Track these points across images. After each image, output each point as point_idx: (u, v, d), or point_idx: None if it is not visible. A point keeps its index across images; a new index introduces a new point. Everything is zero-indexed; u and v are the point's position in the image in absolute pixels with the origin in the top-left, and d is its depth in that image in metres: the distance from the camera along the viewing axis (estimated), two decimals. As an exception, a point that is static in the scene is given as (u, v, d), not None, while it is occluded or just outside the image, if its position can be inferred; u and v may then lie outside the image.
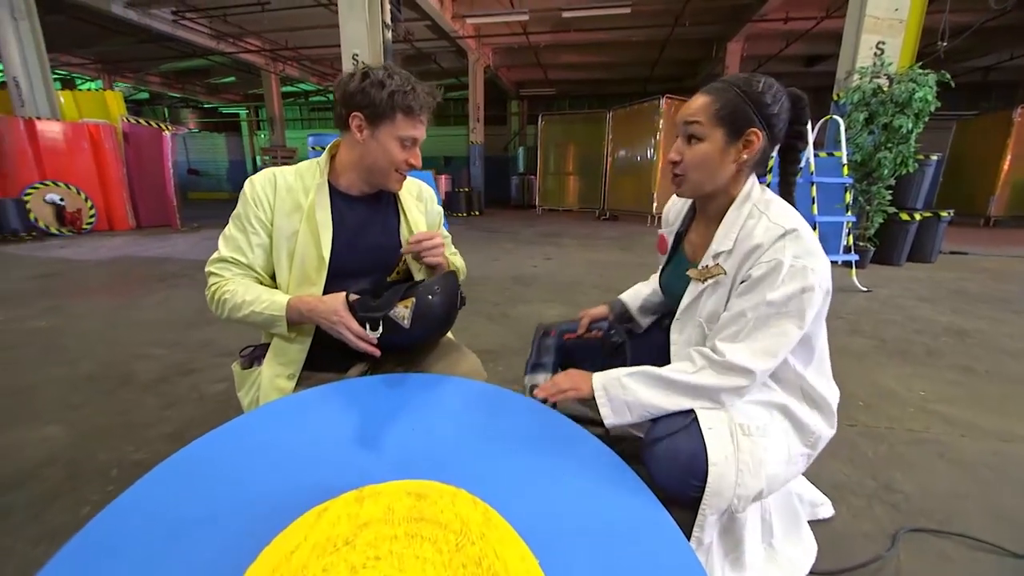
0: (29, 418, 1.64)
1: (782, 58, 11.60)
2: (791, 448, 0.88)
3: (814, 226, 3.55)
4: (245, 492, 0.73)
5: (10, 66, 6.96)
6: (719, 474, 0.79)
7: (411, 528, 0.66)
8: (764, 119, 0.85)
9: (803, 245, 0.82)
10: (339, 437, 0.86)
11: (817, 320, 0.88)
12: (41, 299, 3.25)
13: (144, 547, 0.64)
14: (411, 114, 0.98)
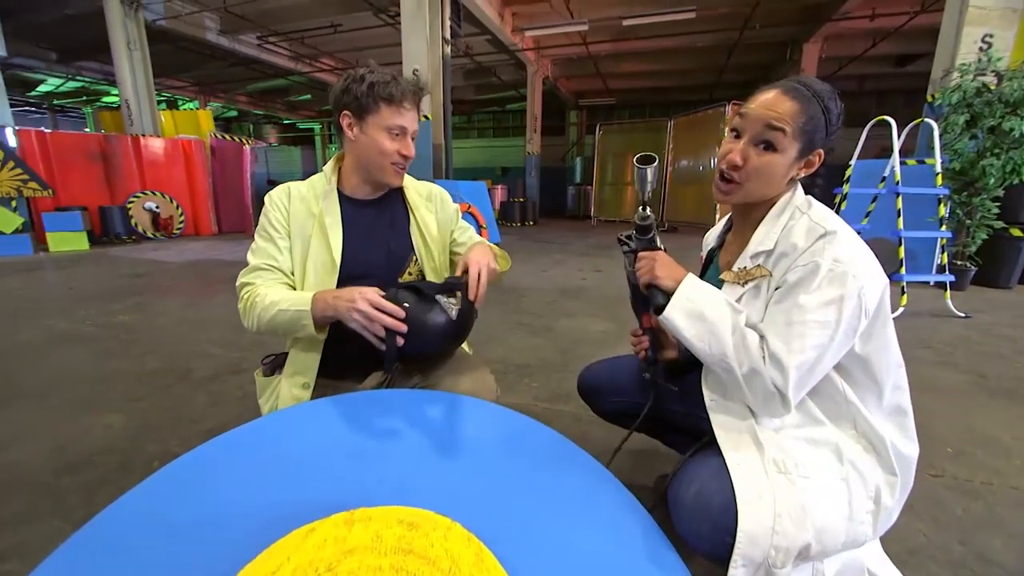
0: (98, 407, 1.79)
1: (867, 59, 10.66)
2: (853, 501, 0.73)
3: (899, 242, 3.17)
4: (238, 502, 0.71)
5: (123, 90, 7.90)
6: (752, 516, 0.67)
7: (397, 561, 0.61)
8: (828, 137, 0.78)
9: (845, 249, 0.71)
10: (341, 452, 0.83)
11: (869, 340, 0.75)
12: (129, 296, 3.60)
13: (134, 550, 0.63)
14: (393, 102, 0.98)
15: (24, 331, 2.72)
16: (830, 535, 0.72)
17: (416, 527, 0.66)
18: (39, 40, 10.21)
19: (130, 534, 0.66)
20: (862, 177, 4.29)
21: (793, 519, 0.69)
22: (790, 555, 0.70)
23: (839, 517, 0.72)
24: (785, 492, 0.70)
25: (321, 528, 0.66)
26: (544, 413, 1.76)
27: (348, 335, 1.08)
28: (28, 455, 1.47)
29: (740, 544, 0.68)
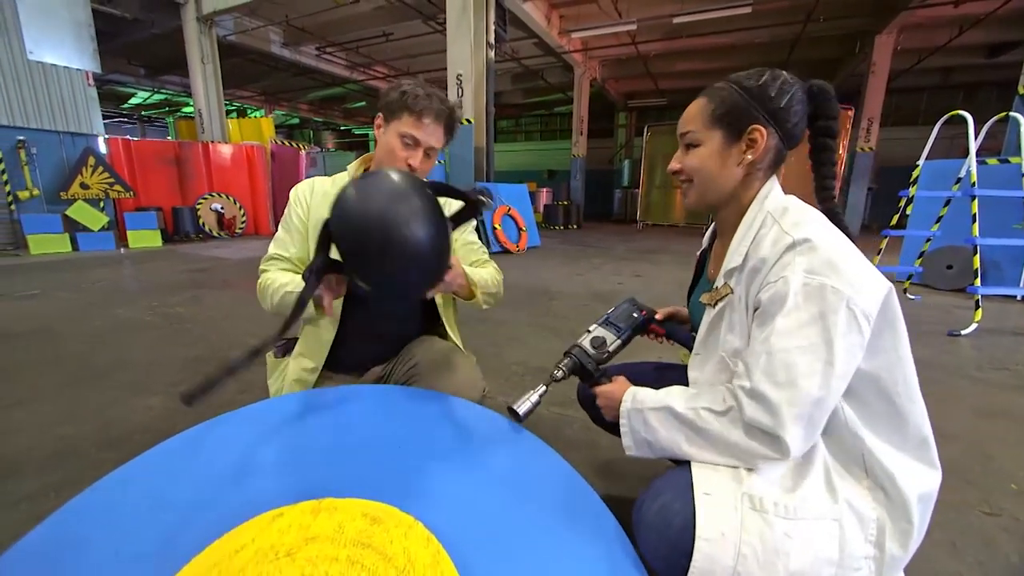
0: (144, 390, 1.94)
1: (952, 49, 9.70)
2: (847, 546, 0.64)
3: (974, 250, 2.85)
4: (212, 484, 0.74)
5: (197, 100, 8.60)
6: (708, 555, 0.62)
7: (355, 553, 0.61)
8: (769, 114, 0.74)
9: (819, 256, 0.64)
10: (318, 443, 0.85)
11: (876, 354, 0.66)
12: (187, 289, 3.90)
13: (116, 523, 0.67)
14: (413, 112, 1.02)
15: (97, 318, 3.00)
16: None
17: (379, 522, 0.66)
18: (130, 58, 11.33)
19: (113, 508, 0.70)
20: (933, 179, 3.92)
21: (760, 562, 0.62)
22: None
23: (824, 563, 0.63)
24: (755, 531, 0.63)
25: (288, 514, 0.67)
26: (555, 419, 1.72)
27: (356, 331, 1.16)
28: (79, 430, 1.61)
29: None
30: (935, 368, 2.27)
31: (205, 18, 8.25)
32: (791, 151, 0.79)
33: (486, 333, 2.71)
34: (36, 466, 1.40)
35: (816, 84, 0.77)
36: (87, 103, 6.96)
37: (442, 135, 1.09)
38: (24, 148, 6.30)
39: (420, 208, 0.73)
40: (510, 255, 6.16)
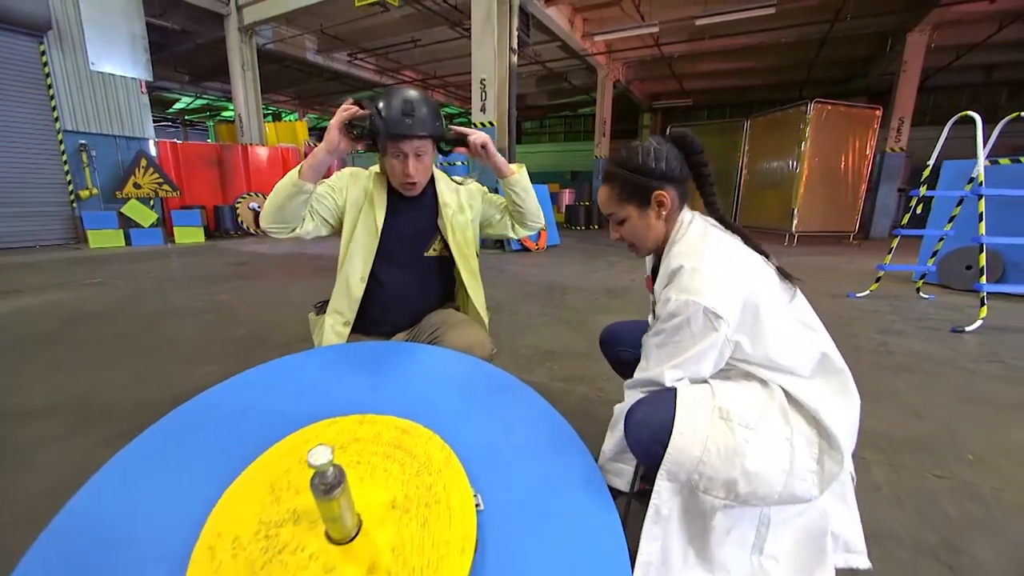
0: (199, 361, 2.23)
1: (991, 45, 9.37)
2: (796, 460, 0.83)
3: (980, 248, 2.89)
4: (282, 402, 0.97)
5: (237, 105, 9.12)
6: (681, 443, 0.84)
7: (389, 450, 0.83)
8: (660, 177, 0.96)
9: (689, 279, 0.88)
10: (359, 378, 1.07)
11: (757, 339, 0.89)
12: (230, 280, 4.25)
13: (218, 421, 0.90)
14: (393, 140, 1.21)
15: (153, 303, 3.36)
16: (762, 481, 0.82)
17: (407, 432, 0.88)
18: (176, 65, 12.04)
19: (210, 412, 0.93)
20: (956, 179, 3.92)
21: (722, 457, 0.83)
22: (714, 484, 0.84)
23: (776, 470, 0.83)
24: (721, 434, 0.84)
25: (340, 422, 0.89)
26: (557, 390, 1.91)
27: (382, 298, 1.38)
28: (152, 389, 1.90)
29: (667, 460, 0.84)
30: (930, 360, 2.35)
31: (246, 28, 8.76)
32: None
33: (500, 321, 2.92)
34: (123, 414, 1.69)
35: (675, 133, 1.00)
36: (140, 109, 7.53)
37: (417, 141, 1.23)
38: (85, 151, 6.87)
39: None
40: (529, 253, 6.36)
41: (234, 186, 8.50)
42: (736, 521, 0.89)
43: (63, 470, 1.36)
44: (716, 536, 0.88)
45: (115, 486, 0.74)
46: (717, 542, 0.88)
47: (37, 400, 1.79)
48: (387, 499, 0.68)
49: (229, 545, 0.60)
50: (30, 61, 6.44)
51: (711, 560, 0.89)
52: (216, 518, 0.64)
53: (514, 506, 0.76)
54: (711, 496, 0.85)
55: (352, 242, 1.33)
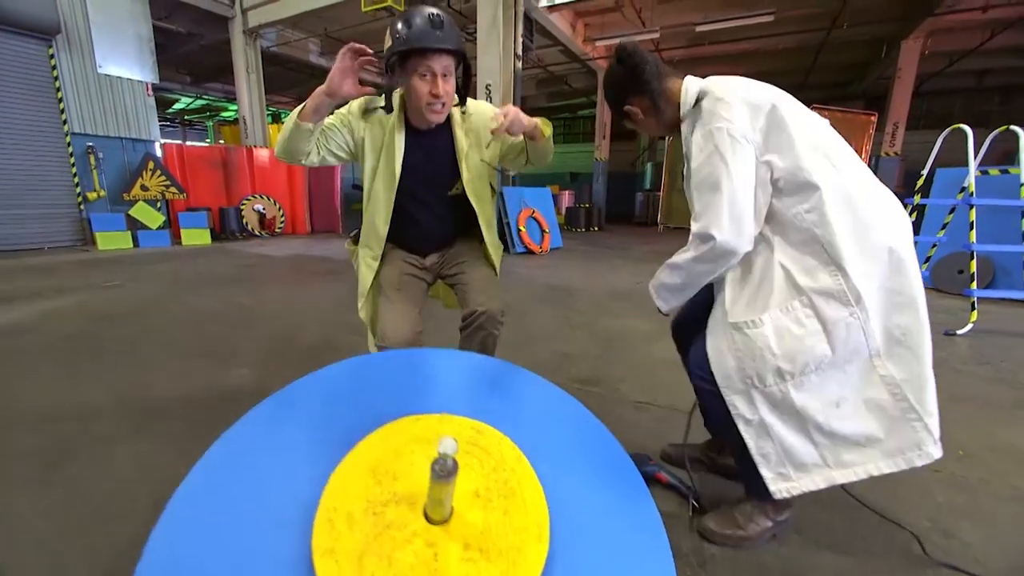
0: (233, 362, 2.33)
1: (986, 51, 9.55)
2: (825, 313, 0.94)
3: (970, 256, 3.04)
4: (367, 395, 1.06)
5: (241, 107, 9.19)
6: (716, 362, 1.04)
7: (468, 447, 0.93)
8: (620, 88, 1.17)
9: (709, 111, 1.00)
10: (440, 384, 1.16)
11: (781, 150, 0.98)
12: (245, 283, 4.35)
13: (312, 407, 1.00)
14: (420, 50, 1.18)
15: (175, 305, 3.46)
16: (800, 352, 0.97)
17: (482, 432, 0.99)
18: (177, 66, 12.09)
19: (303, 398, 1.02)
20: (948, 186, 4.07)
21: (753, 356, 0.99)
22: (765, 376, 0.99)
23: (791, 339, 0.97)
24: (740, 341, 1.01)
25: (423, 420, 0.99)
26: (576, 392, 2.01)
27: (406, 227, 1.49)
28: (195, 389, 2.01)
29: (719, 382, 1.04)
30: (923, 362, 2.49)
31: (251, 31, 8.84)
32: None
33: (510, 324, 3.04)
34: (175, 414, 1.79)
35: (620, 46, 1.14)
36: (146, 112, 7.60)
37: (446, 57, 1.21)
38: (93, 153, 6.94)
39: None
40: (533, 255, 6.48)
41: (239, 188, 8.58)
42: (822, 391, 0.98)
43: (132, 469, 1.46)
44: (815, 414, 0.98)
45: (227, 464, 0.85)
46: (825, 417, 0.98)
47: (96, 399, 1.90)
48: (472, 489, 0.80)
49: (344, 519, 0.71)
50: (39, 64, 6.50)
51: (831, 433, 0.99)
52: (329, 495, 0.75)
53: (571, 500, 0.87)
54: (773, 387, 1.00)
55: (375, 182, 1.41)
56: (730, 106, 0.97)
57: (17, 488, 1.35)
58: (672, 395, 2.01)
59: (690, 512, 1.25)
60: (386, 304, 1.47)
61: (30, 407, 1.83)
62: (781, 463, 1.02)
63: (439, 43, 1.17)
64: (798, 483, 1.02)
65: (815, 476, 1.01)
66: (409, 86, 1.25)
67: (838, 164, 0.98)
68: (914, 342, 0.97)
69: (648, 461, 1.40)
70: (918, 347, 0.97)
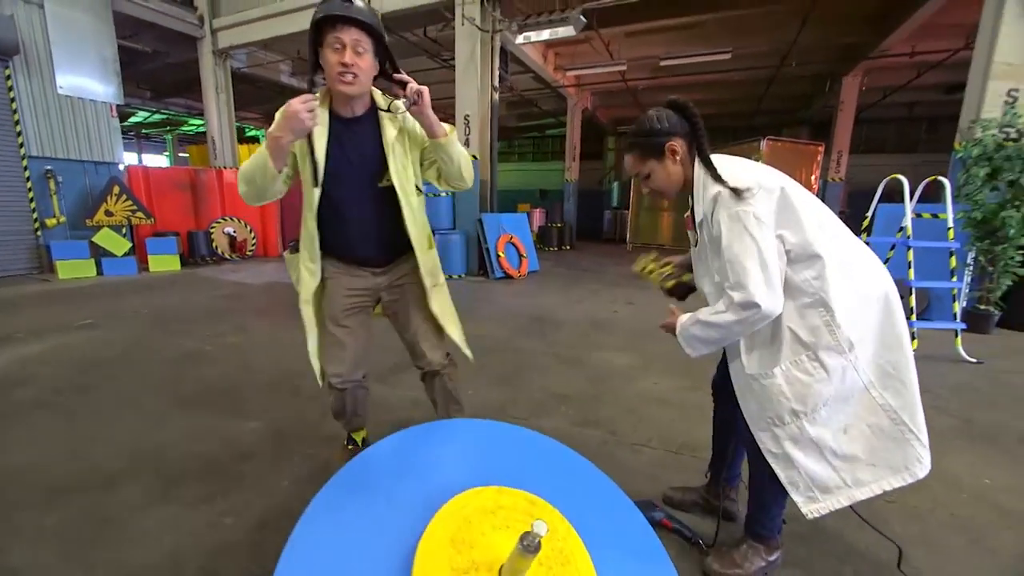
0: (241, 415, 2.37)
1: (915, 87, 10.57)
2: (808, 370, 1.17)
3: (909, 291, 3.44)
4: (433, 470, 1.19)
5: (210, 128, 9.00)
6: (745, 407, 1.30)
7: (525, 517, 1.06)
8: (666, 134, 1.26)
9: (731, 199, 1.15)
10: (488, 457, 1.28)
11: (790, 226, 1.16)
12: (229, 317, 4.31)
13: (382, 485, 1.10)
14: (328, 25, 1.26)
15: (163, 348, 3.41)
16: (809, 394, 1.17)
17: (535, 504, 1.13)
18: (139, 83, 11.68)
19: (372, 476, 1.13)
20: (888, 222, 4.53)
21: (771, 401, 1.21)
22: (783, 416, 1.20)
23: (798, 385, 1.18)
24: (759, 390, 1.23)
25: (485, 492, 1.11)
26: (577, 435, 2.20)
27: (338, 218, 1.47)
28: (208, 447, 2.05)
29: (748, 422, 1.26)
30: (875, 392, 2.81)
31: (221, 52, 8.71)
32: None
33: (509, 360, 3.19)
34: (197, 475, 1.84)
35: (670, 101, 1.28)
36: (110, 133, 7.37)
37: (354, 31, 1.26)
38: (52, 177, 6.66)
39: None
40: (512, 281, 6.66)
41: (208, 210, 8.37)
42: (831, 421, 1.19)
43: (170, 541, 1.50)
44: (829, 442, 1.20)
45: (322, 533, 0.95)
46: (837, 443, 1.20)
47: (110, 464, 1.90)
48: (536, 558, 0.95)
49: (436, 573, 0.85)
50: (-6, 85, 6.21)
51: (844, 457, 1.20)
52: (420, 563, 0.88)
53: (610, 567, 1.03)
54: (791, 424, 1.20)
55: (303, 175, 1.42)
56: (753, 192, 1.15)
57: (59, 572, 1.38)
58: (664, 436, 2.21)
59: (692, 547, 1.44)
60: (330, 342, 1.60)
61: (44, 478, 1.82)
62: (809, 488, 1.22)
63: (346, 11, 1.23)
64: (825, 503, 1.22)
65: (839, 496, 1.22)
66: (324, 61, 1.30)
67: (833, 235, 1.20)
68: (904, 375, 1.19)
69: (654, 507, 1.58)
70: (907, 378, 1.20)
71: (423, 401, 1.94)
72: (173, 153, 19.15)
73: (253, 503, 1.68)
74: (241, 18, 8.37)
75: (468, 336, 1.78)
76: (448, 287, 1.72)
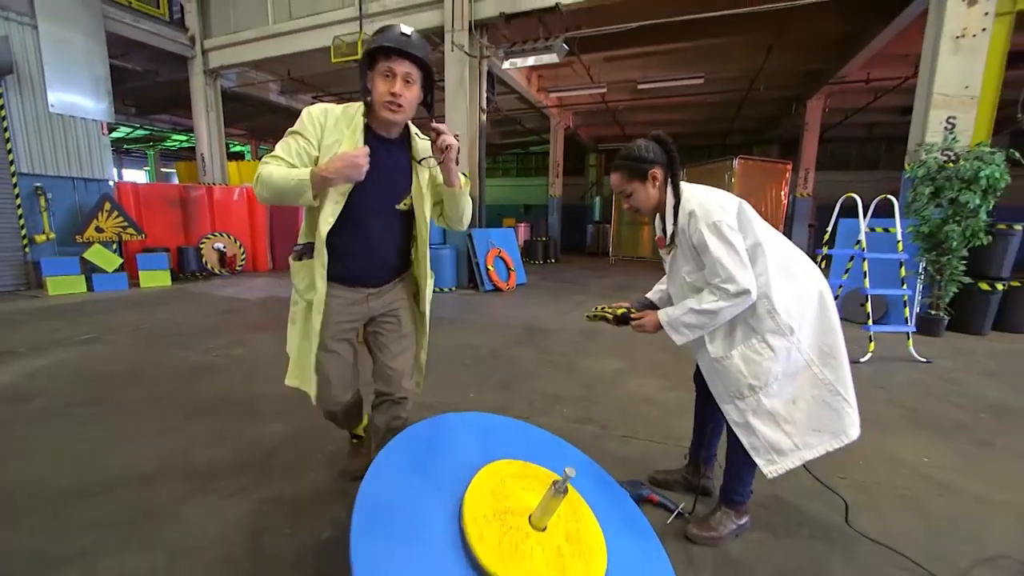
0: (260, 419, 2.54)
1: (873, 109, 11.33)
2: (758, 351, 1.45)
3: (865, 298, 3.81)
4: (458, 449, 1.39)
5: (200, 145, 9.11)
6: (712, 385, 1.54)
7: (545, 483, 1.27)
8: (650, 162, 1.52)
9: (704, 212, 1.43)
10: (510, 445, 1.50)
11: (748, 232, 1.45)
12: (229, 332, 4.44)
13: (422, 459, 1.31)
14: (385, 54, 1.32)
15: (169, 360, 3.54)
16: (760, 371, 1.45)
17: (551, 475, 1.34)
18: (124, 99, 11.69)
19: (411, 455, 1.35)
20: (848, 236, 4.95)
21: (732, 379, 1.47)
22: (742, 391, 1.46)
23: (751, 364, 1.44)
24: (722, 370, 1.49)
25: (513, 464, 1.32)
26: (573, 430, 2.44)
27: (357, 235, 1.49)
28: (231, 451, 2.21)
29: (716, 398, 1.52)
30: (835, 389, 3.12)
31: (211, 71, 8.87)
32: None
33: (507, 368, 3.42)
34: (231, 471, 2.01)
35: (654, 136, 1.55)
36: (101, 151, 7.43)
37: (409, 64, 1.33)
38: (42, 194, 6.68)
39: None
40: (501, 293, 6.91)
41: (198, 226, 8.43)
42: (782, 393, 1.47)
43: (215, 525, 1.67)
44: (781, 411, 1.47)
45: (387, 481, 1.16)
46: (788, 412, 1.47)
47: (142, 465, 2.05)
48: (556, 513, 1.18)
49: (481, 518, 1.07)
50: (-15, 104, 6.26)
51: (794, 423, 1.48)
52: (469, 504, 1.09)
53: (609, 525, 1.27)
54: (749, 398, 1.47)
55: (325, 190, 1.37)
56: (722, 208, 1.44)
57: (120, 555, 1.53)
58: (649, 429, 2.47)
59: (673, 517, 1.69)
60: (316, 368, 1.56)
61: (81, 478, 1.95)
62: (768, 451, 1.48)
63: (403, 46, 1.29)
64: (782, 464, 1.48)
65: (792, 457, 1.48)
66: (372, 84, 1.36)
67: (775, 244, 1.50)
68: (838, 354, 1.49)
69: (641, 485, 1.83)
70: (841, 357, 1.50)
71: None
72: (155, 168, 19.00)
73: (285, 492, 1.86)
74: (232, 39, 8.58)
75: (464, 345, 1.99)
76: (439, 300, 1.90)
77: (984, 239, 4.30)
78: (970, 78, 4.78)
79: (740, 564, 1.51)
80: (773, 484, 1.91)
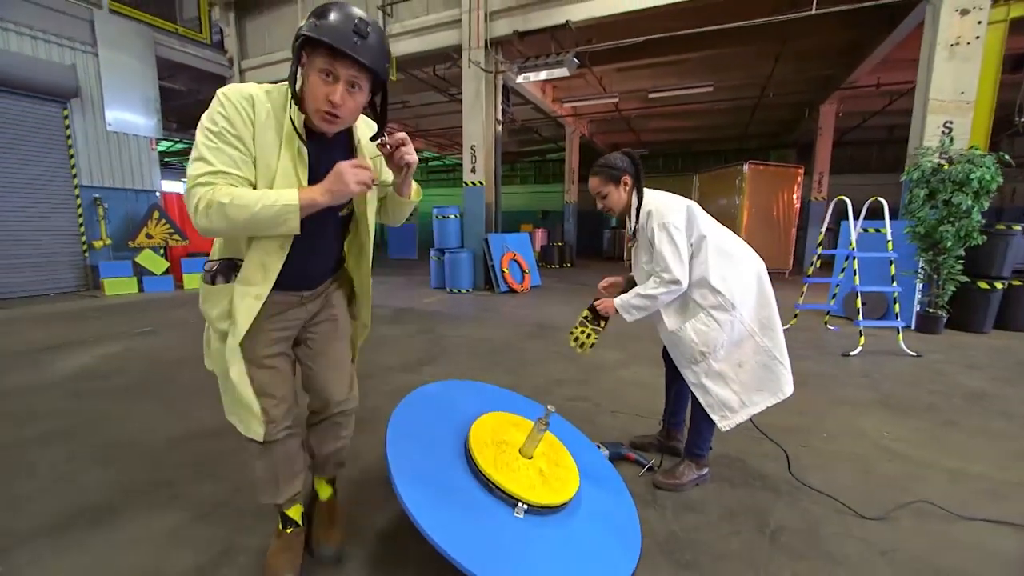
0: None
1: (888, 113, 11.33)
2: (705, 323, 1.75)
3: (856, 295, 4.02)
4: (460, 401, 1.78)
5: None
6: (671, 351, 1.85)
7: (528, 428, 1.65)
8: (623, 170, 1.84)
9: (658, 213, 1.75)
10: (489, 395, 1.89)
11: (692, 233, 1.76)
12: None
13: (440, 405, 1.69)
14: (329, 54, 1.00)
15: (217, 349, 4.00)
16: (708, 342, 1.75)
17: (529, 422, 1.71)
18: (168, 116, 12.58)
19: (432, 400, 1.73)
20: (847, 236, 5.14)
21: (686, 347, 1.79)
22: (695, 357, 1.77)
23: (701, 334, 1.75)
24: (677, 341, 1.80)
25: (503, 415, 1.70)
26: (570, 407, 2.77)
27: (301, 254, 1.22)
28: (277, 416, 2.62)
29: (676, 363, 1.83)
30: (819, 376, 3.37)
31: (248, 89, 9.54)
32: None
33: (516, 357, 3.77)
34: (278, 431, 2.41)
35: (624, 151, 1.87)
36: (150, 164, 8.15)
37: (358, 70, 1.03)
38: (100, 204, 7.38)
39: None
40: (516, 294, 7.26)
41: (235, 233, 9.05)
42: (730, 359, 1.78)
43: None
44: (729, 373, 1.78)
45: (410, 415, 1.53)
46: (735, 373, 1.78)
47: (211, 424, 2.48)
48: (540, 449, 1.53)
49: (482, 443, 1.43)
50: (54, 124, 7.01)
51: (741, 383, 1.79)
52: (474, 432, 1.46)
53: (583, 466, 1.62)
54: (702, 363, 1.78)
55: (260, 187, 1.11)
56: (673, 211, 1.77)
57: (198, 484, 1.95)
58: (636, 405, 2.79)
59: (644, 471, 2.01)
60: (265, 377, 1.29)
61: (160, 435, 2.39)
62: (721, 408, 1.80)
63: (353, 50, 0.99)
64: (733, 419, 1.79)
65: (741, 413, 1.80)
66: (306, 79, 1.06)
67: (717, 235, 1.82)
68: (775, 325, 1.81)
69: (621, 446, 2.15)
70: (777, 327, 1.82)
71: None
72: (191, 179, 20.04)
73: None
74: (266, 59, 9.25)
75: (479, 339, 2.33)
76: (457, 300, 2.23)
77: (978, 239, 4.45)
78: (965, 84, 4.95)
79: (696, 504, 1.82)
80: (738, 448, 2.21)
